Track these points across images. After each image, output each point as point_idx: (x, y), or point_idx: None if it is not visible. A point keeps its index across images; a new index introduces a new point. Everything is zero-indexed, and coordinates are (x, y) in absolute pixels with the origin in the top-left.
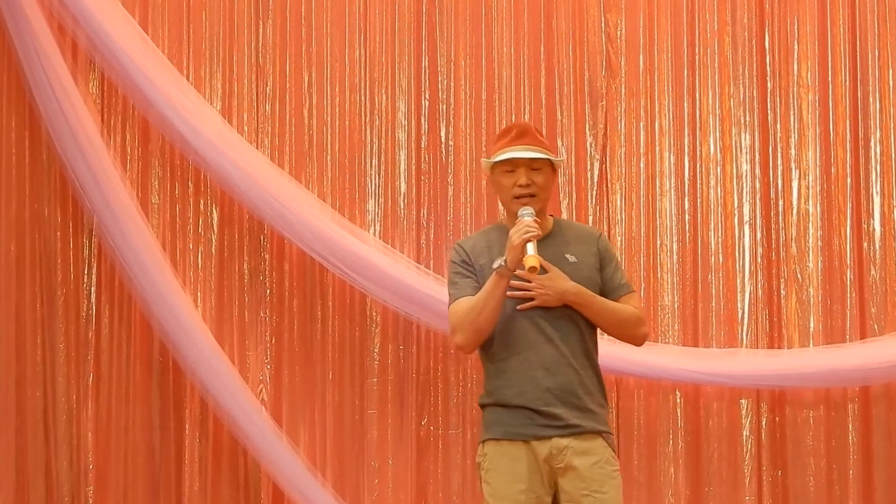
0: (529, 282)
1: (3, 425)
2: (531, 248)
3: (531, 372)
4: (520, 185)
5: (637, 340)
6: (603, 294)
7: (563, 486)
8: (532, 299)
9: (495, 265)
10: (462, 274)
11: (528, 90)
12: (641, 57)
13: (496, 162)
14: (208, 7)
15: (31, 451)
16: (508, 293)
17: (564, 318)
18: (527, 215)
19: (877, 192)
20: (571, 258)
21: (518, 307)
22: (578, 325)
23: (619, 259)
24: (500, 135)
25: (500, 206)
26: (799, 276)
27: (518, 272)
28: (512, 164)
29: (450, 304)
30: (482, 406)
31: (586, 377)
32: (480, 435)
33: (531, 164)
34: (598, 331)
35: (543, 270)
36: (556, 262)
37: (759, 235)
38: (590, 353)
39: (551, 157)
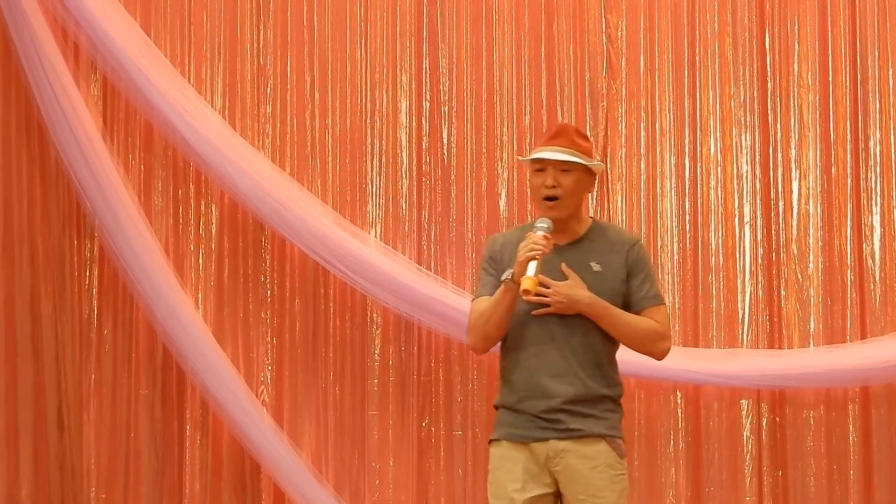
0: (547, 287)
1: (5, 425)
2: (532, 267)
3: (536, 378)
4: (546, 186)
5: (656, 356)
6: (627, 305)
7: (562, 490)
8: (549, 305)
9: (503, 276)
10: (487, 271)
11: (529, 91)
12: (642, 57)
13: (530, 161)
14: (209, 8)
15: (36, 451)
16: (525, 297)
17: (578, 326)
18: (540, 229)
19: (877, 193)
20: (596, 267)
21: (532, 312)
22: (591, 335)
23: (651, 270)
24: (543, 133)
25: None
26: (799, 276)
27: (538, 277)
28: (542, 163)
29: (472, 300)
30: (495, 407)
31: (594, 387)
32: (490, 435)
33: (561, 165)
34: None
35: (541, 294)
36: (580, 269)
37: (759, 236)
38: (602, 362)
39: (580, 161)
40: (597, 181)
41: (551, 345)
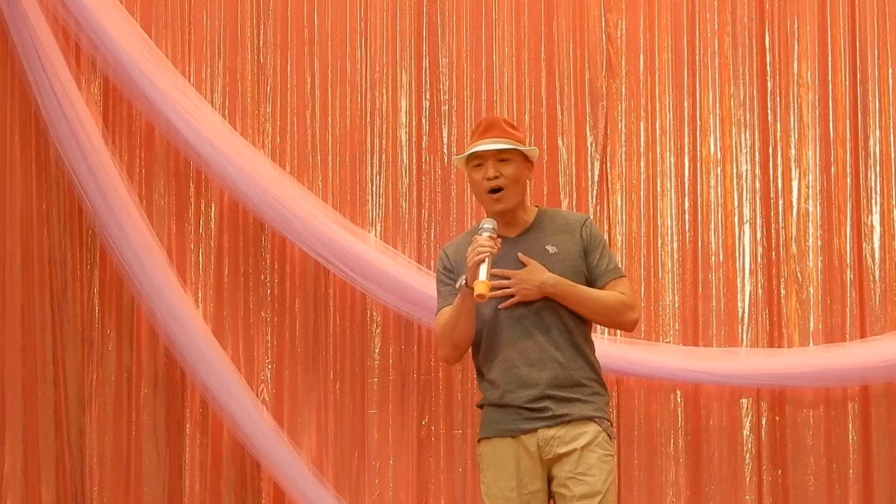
0: (508, 279)
1: (11, 425)
2: (482, 271)
3: (515, 370)
4: (487, 179)
5: (626, 326)
6: (589, 282)
7: (553, 473)
8: (513, 296)
9: (457, 284)
10: (444, 282)
11: (529, 90)
12: (642, 57)
13: (467, 159)
14: (209, 8)
15: (40, 451)
16: (489, 294)
17: (547, 310)
18: (485, 230)
19: (877, 192)
20: (552, 249)
21: (499, 306)
22: (562, 317)
23: (605, 244)
24: (472, 132)
25: None
26: (799, 275)
27: (494, 271)
28: (479, 157)
29: (436, 314)
30: (479, 406)
31: (574, 369)
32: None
33: (499, 155)
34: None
35: (507, 277)
36: (536, 254)
37: (759, 235)
38: (578, 344)
39: (517, 147)
40: (533, 168)
41: (524, 334)
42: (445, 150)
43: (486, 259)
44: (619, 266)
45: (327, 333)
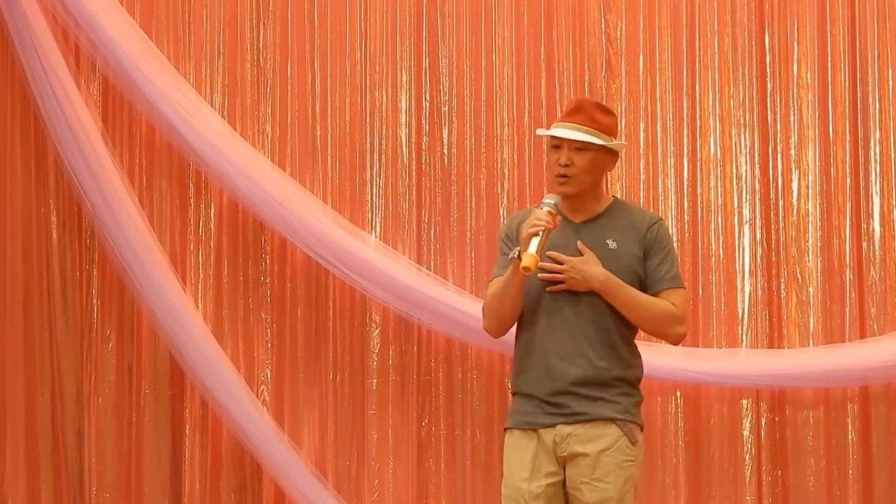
0: (562, 263)
1: (12, 425)
2: (533, 245)
3: (545, 360)
4: (560, 164)
5: (671, 339)
6: (645, 285)
7: (567, 474)
8: (562, 282)
9: (511, 255)
10: (502, 250)
11: (529, 91)
12: (641, 58)
13: (547, 136)
14: (209, 8)
15: (40, 451)
16: (539, 276)
17: (590, 305)
18: (546, 205)
19: (877, 192)
20: (612, 244)
21: (547, 290)
22: (603, 315)
23: (672, 251)
24: (564, 108)
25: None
26: (799, 276)
27: (548, 254)
28: (558, 140)
29: (489, 281)
30: (512, 394)
31: (604, 368)
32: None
33: (575, 143)
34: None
35: (543, 271)
36: (596, 246)
37: (759, 235)
38: (614, 343)
39: (594, 140)
40: (619, 159)
41: (562, 324)
42: (445, 151)
43: (540, 233)
44: (679, 276)
45: (327, 334)
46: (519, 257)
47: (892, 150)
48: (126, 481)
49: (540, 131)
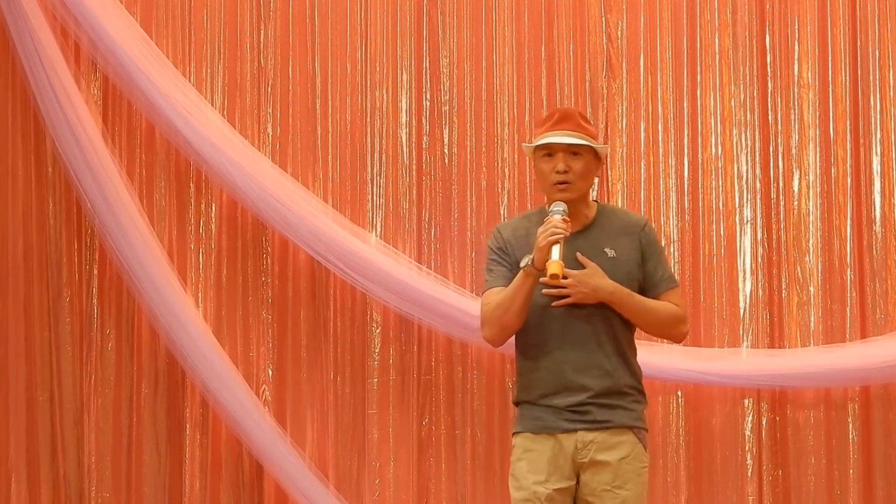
0: (565, 277)
1: (13, 425)
2: (556, 252)
3: (561, 375)
4: (557, 172)
5: (676, 338)
6: (643, 289)
7: (584, 480)
8: (567, 296)
9: (522, 263)
10: (497, 261)
11: (529, 90)
12: (642, 57)
13: (536, 147)
14: (209, 8)
15: (40, 451)
16: (544, 291)
17: (598, 316)
18: (557, 213)
19: (877, 192)
20: (610, 252)
21: (553, 304)
22: (613, 325)
23: (662, 251)
24: (543, 119)
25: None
26: (799, 275)
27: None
28: (550, 149)
29: (482, 292)
30: (515, 403)
31: (619, 377)
32: (512, 428)
33: (570, 149)
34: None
35: (565, 276)
36: (594, 256)
37: (759, 235)
38: (624, 351)
39: (591, 144)
40: (602, 164)
41: (574, 339)
42: (446, 150)
43: (560, 241)
44: (672, 274)
45: (327, 333)
46: (535, 266)
47: (892, 150)
48: (126, 481)
49: (532, 143)
